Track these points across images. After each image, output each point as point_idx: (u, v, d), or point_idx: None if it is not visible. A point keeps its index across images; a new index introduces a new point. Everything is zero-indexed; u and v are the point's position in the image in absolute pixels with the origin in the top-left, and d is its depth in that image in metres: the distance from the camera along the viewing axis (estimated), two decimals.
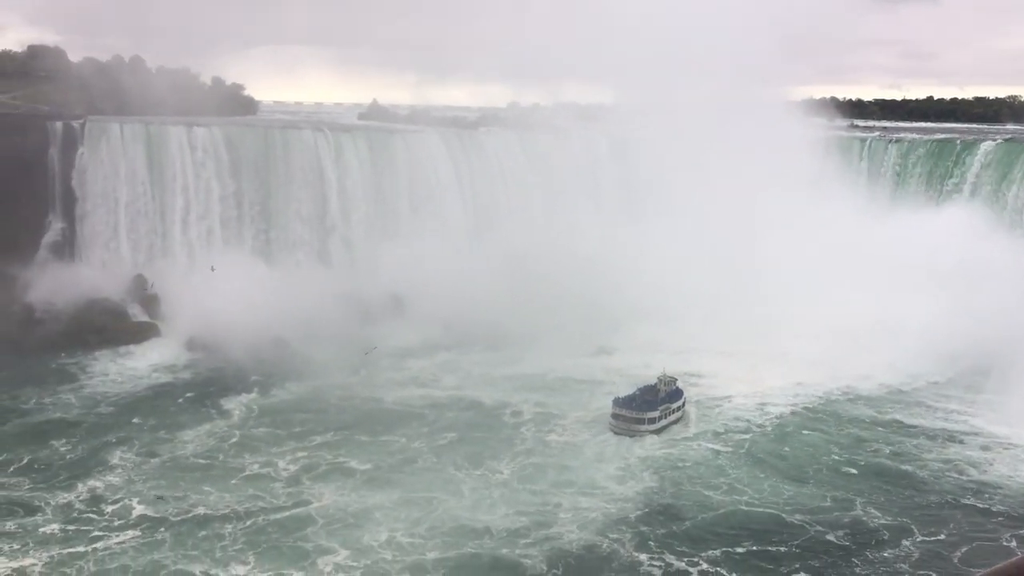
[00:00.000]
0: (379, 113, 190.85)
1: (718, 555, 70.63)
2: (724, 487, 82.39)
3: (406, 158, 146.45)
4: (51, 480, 78.42)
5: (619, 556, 70.16)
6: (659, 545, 71.80)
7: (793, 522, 75.94)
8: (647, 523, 75.15)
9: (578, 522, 74.34)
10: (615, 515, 76.08)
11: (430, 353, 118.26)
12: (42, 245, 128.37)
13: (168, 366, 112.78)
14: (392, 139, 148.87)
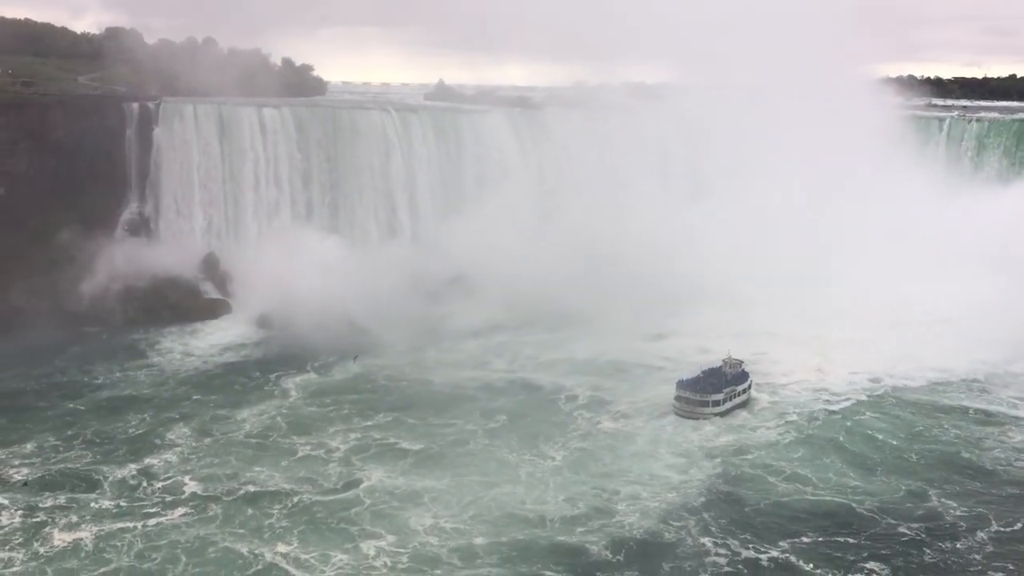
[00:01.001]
0: (445, 93, 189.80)
1: (784, 544, 68.19)
2: (787, 474, 79.64)
3: (472, 138, 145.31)
4: (111, 455, 79.17)
5: (683, 543, 68.17)
6: (722, 532, 69.67)
7: (862, 512, 73.01)
8: (708, 510, 73.00)
9: (637, 509, 72.44)
10: (675, 502, 74.05)
11: (491, 334, 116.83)
12: (119, 223, 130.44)
13: (237, 344, 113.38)
14: (458, 119, 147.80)
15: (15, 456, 78.66)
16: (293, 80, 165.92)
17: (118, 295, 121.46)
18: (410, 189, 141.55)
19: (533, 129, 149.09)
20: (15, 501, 70.83)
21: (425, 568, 63.88)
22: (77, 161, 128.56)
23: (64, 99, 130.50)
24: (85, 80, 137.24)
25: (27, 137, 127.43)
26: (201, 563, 62.82)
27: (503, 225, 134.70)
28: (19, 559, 63.07)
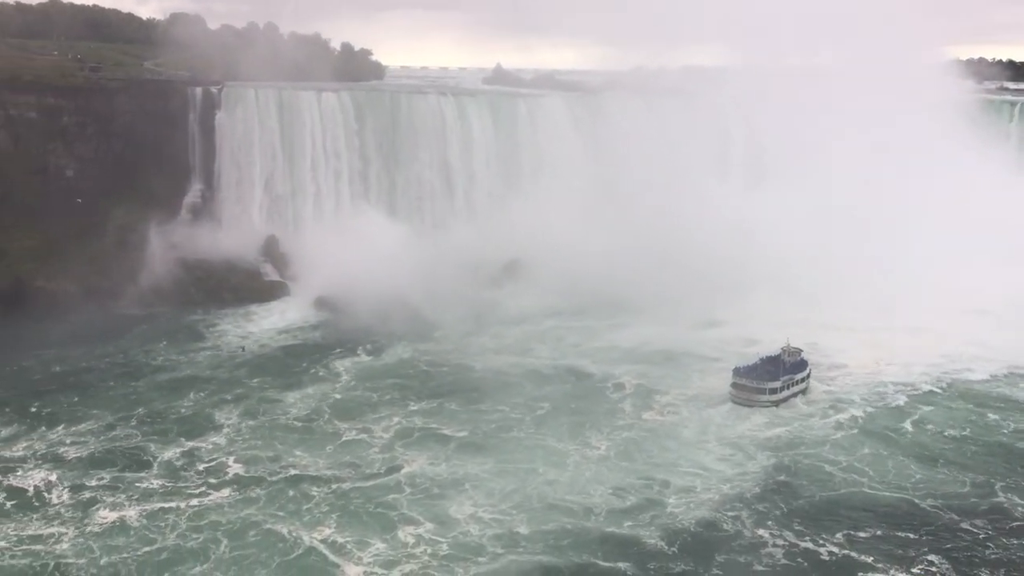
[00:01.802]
0: (503, 78, 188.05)
1: (841, 538, 65.77)
2: (844, 466, 76.82)
3: (529, 122, 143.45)
4: (161, 435, 79.19)
5: (738, 535, 65.99)
6: (777, 524, 67.36)
7: (923, 507, 70.11)
8: (763, 501, 70.59)
9: (689, 500, 70.25)
10: (728, 493, 71.75)
11: (543, 319, 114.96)
12: (183, 206, 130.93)
13: (295, 327, 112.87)
14: (515, 103, 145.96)
15: (74, 434, 79.16)
16: (352, 65, 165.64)
17: (181, 277, 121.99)
18: (467, 173, 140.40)
19: (590, 114, 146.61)
20: (66, 478, 71.17)
21: (468, 556, 62.40)
22: (142, 145, 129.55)
23: (130, 84, 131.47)
24: (150, 65, 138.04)
25: (95, 121, 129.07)
26: (241, 545, 62.30)
27: (559, 210, 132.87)
28: (68, 535, 63.22)
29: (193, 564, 60.26)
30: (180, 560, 60.62)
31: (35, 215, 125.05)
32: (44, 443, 77.00)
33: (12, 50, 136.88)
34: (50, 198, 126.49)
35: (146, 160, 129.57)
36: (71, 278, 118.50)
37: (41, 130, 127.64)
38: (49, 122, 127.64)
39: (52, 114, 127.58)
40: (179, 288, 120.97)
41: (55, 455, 74.83)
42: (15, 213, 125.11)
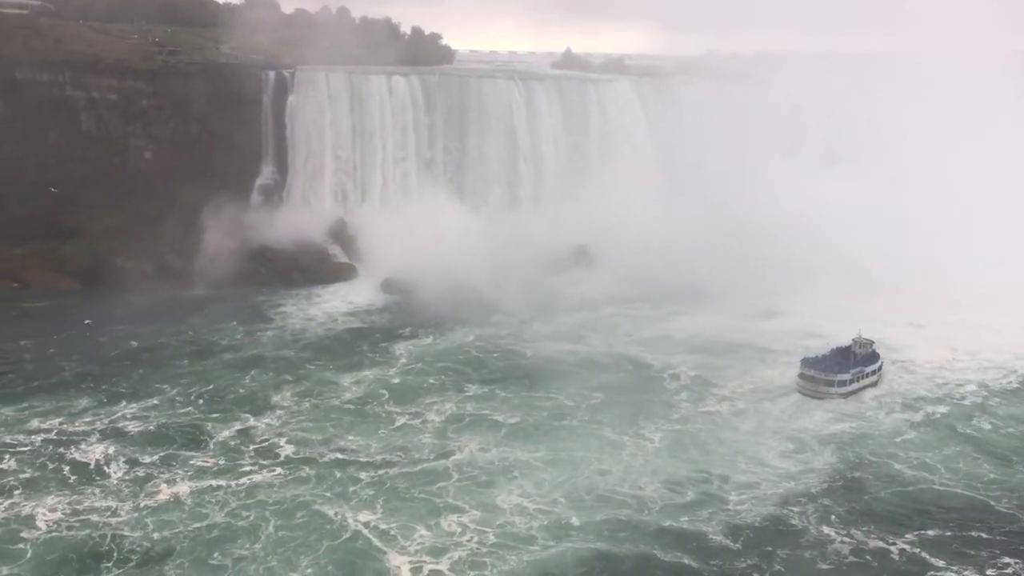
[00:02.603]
0: (572, 62, 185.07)
1: (911, 537, 62.96)
2: (913, 463, 73.52)
3: (598, 107, 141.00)
4: (220, 413, 79.11)
5: (804, 532, 63.43)
6: (843, 522, 64.71)
7: (999, 508, 66.80)
8: (827, 497, 67.85)
9: (750, 496, 67.62)
10: (790, 488, 69.01)
11: (606, 306, 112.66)
12: (255, 188, 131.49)
13: (361, 308, 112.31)
14: (584, 88, 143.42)
15: (138, 409, 79.58)
16: (422, 48, 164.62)
17: (251, 258, 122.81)
18: (535, 158, 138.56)
19: (661, 99, 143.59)
20: (126, 452, 71.57)
21: (516, 545, 60.70)
22: (217, 128, 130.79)
23: (206, 68, 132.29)
24: (226, 49, 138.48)
25: (172, 104, 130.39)
26: (288, 526, 61.73)
27: (627, 196, 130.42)
28: (124, 509, 63.46)
29: (242, 543, 59.87)
30: (230, 538, 60.28)
31: (115, 195, 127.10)
32: (110, 418, 77.57)
33: (95, 34, 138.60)
34: (129, 179, 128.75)
35: (220, 143, 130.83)
36: (147, 257, 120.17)
37: (121, 112, 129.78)
38: (129, 105, 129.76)
39: (132, 97, 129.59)
40: (250, 268, 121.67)
41: (118, 430, 75.37)
42: (96, 193, 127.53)
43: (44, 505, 63.43)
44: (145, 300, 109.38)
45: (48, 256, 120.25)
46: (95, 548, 58.98)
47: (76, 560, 57.87)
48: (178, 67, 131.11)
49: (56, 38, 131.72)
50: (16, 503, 63.71)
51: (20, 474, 67.30)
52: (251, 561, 57.70)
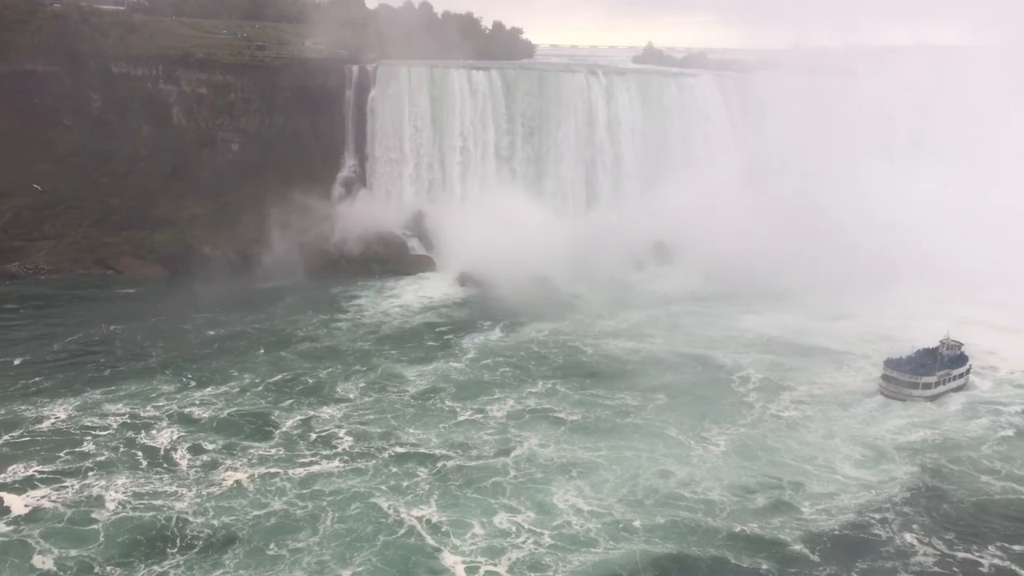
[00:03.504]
0: (654, 56, 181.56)
1: (996, 549, 59.81)
2: (1001, 472, 69.56)
3: (679, 102, 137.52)
4: (286, 403, 79.10)
5: (885, 542, 60.68)
6: (926, 532, 61.73)
7: None
8: (910, 506, 64.87)
9: (826, 504, 64.77)
10: (869, 497, 65.95)
11: (682, 303, 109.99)
12: (337, 180, 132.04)
13: (437, 301, 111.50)
14: (665, 83, 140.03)
15: (211, 396, 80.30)
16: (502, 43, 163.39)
17: (332, 248, 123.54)
18: (614, 153, 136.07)
19: (744, 94, 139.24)
20: (195, 438, 72.12)
21: (575, 547, 58.84)
22: (301, 121, 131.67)
23: (292, 62, 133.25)
24: (311, 44, 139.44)
25: (259, 98, 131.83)
26: (343, 518, 61.23)
27: (708, 192, 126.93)
28: (188, 495, 63.84)
29: (299, 533, 59.59)
30: (288, 527, 60.11)
31: (202, 186, 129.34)
32: (184, 404, 78.38)
33: (187, 29, 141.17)
34: (216, 170, 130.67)
35: (304, 136, 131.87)
36: (231, 246, 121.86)
37: (210, 105, 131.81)
38: (218, 98, 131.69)
39: (221, 90, 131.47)
40: (330, 259, 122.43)
41: (190, 416, 76.08)
42: (186, 183, 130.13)
43: (114, 487, 64.26)
44: (228, 288, 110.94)
45: (139, 244, 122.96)
46: (161, 532, 59.40)
47: (144, 543, 58.32)
48: (265, 62, 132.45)
49: (150, 33, 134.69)
50: (89, 484, 64.68)
51: (96, 456, 68.45)
52: (306, 553, 57.30)
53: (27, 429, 72.21)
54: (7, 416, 74.15)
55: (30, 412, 75.10)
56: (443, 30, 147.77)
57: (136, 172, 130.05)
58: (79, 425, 73.31)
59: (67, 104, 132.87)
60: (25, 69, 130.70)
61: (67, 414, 75.11)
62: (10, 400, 77.41)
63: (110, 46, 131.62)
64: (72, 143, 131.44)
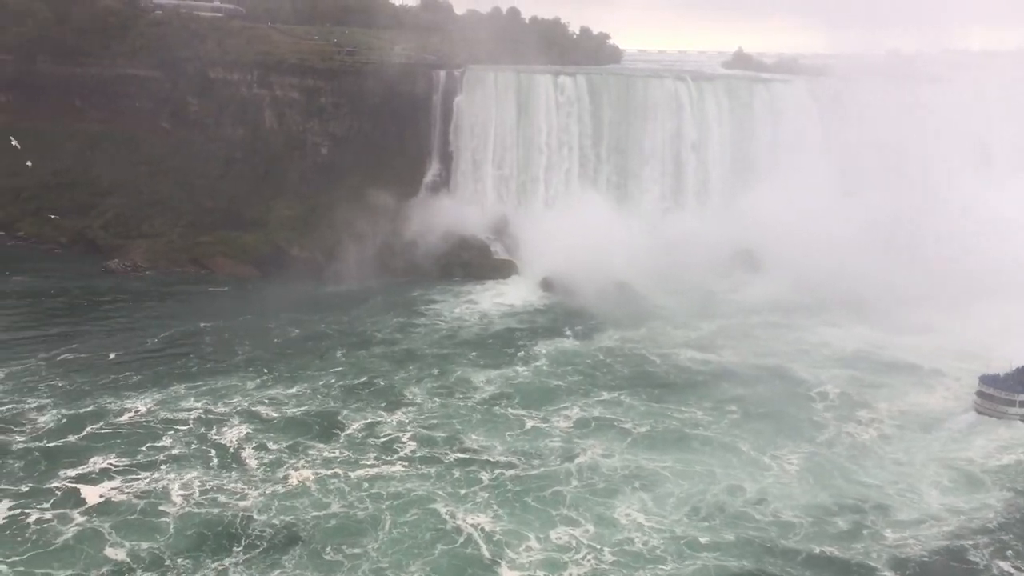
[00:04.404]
0: (743, 62, 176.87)
1: None
2: None
3: (768, 108, 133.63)
4: (356, 405, 78.75)
5: (979, 570, 57.47)
6: (1021, 559, 57.97)
7: None
8: (1005, 532, 61.17)
9: (911, 528, 61.51)
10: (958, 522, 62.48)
11: (766, 313, 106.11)
12: (423, 184, 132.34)
13: (518, 307, 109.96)
14: (754, 88, 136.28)
15: (284, 395, 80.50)
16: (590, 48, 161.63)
17: (417, 252, 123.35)
18: (701, 159, 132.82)
19: (836, 100, 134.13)
20: (264, 437, 72.37)
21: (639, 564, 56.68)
22: (389, 125, 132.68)
23: (381, 67, 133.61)
24: (399, 49, 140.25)
25: (348, 102, 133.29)
26: (402, 523, 60.38)
27: (797, 200, 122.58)
28: (252, 494, 63.94)
29: (358, 537, 59.03)
30: (347, 530, 59.67)
31: (292, 188, 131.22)
32: (260, 402, 78.85)
33: (281, 35, 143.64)
34: (306, 173, 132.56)
35: (392, 139, 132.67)
36: (319, 248, 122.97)
37: (301, 109, 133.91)
38: (308, 102, 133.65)
39: (311, 95, 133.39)
40: (413, 262, 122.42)
41: (263, 414, 76.46)
42: (276, 186, 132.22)
43: (185, 482, 64.92)
44: (313, 289, 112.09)
45: (231, 244, 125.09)
46: (227, 528, 59.66)
47: (211, 538, 58.64)
48: (354, 67, 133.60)
49: (246, 39, 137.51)
50: (160, 478, 65.46)
51: (170, 450, 69.35)
52: (364, 559, 56.65)
53: (108, 422, 73.73)
54: (93, 408, 75.84)
55: (114, 405, 76.70)
56: (530, 35, 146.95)
57: (230, 174, 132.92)
58: (158, 419, 74.50)
59: (166, 108, 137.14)
60: (127, 74, 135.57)
61: (147, 408, 76.43)
62: (98, 393, 79.23)
63: (208, 51, 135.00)
64: (170, 145, 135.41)
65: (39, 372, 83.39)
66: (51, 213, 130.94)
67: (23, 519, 59.91)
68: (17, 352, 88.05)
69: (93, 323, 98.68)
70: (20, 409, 75.34)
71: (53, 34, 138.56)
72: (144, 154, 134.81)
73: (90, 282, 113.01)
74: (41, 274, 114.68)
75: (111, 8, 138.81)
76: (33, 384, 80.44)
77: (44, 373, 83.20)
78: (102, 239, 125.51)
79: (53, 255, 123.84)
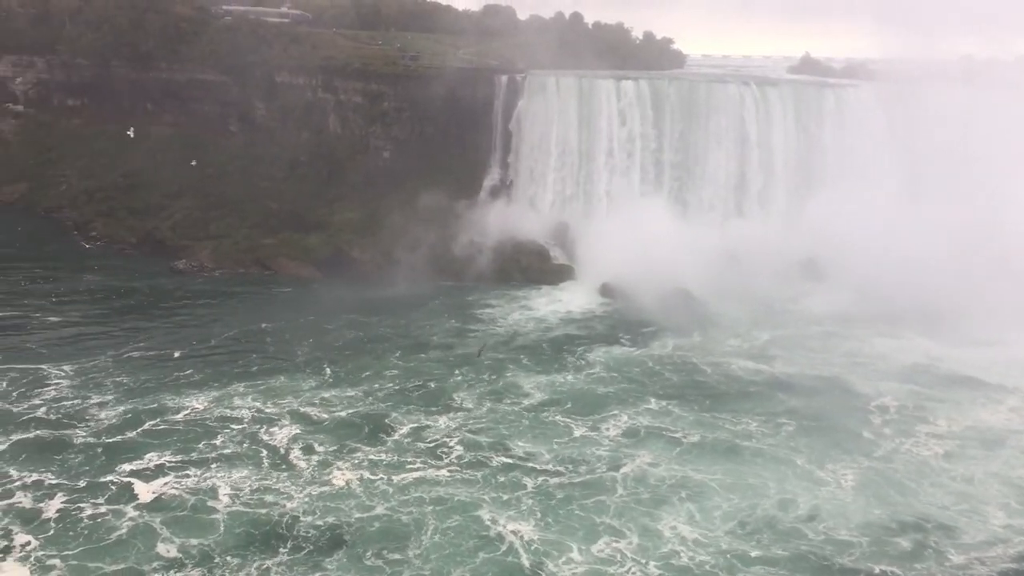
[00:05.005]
0: (810, 67, 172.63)
1: None
2: None
3: (836, 114, 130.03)
4: (405, 408, 78.70)
5: None
6: None
7: None
8: None
9: (978, 550, 58.97)
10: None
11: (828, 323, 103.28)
12: (483, 188, 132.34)
13: (576, 312, 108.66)
14: (822, 94, 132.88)
15: (336, 397, 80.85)
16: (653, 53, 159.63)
17: (476, 256, 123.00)
18: (764, 165, 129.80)
19: (907, 106, 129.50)
20: (311, 438, 72.79)
21: None
22: (450, 129, 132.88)
23: (443, 72, 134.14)
24: (462, 54, 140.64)
25: (410, 106, 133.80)
26: (444, 529, 59.94)
27: (865, 208, 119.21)
28: (298, 495, 64.23)
29: (400, 541, 58.77)
30: (390, 534, 59.47)
31: (354, 191, 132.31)
32: (313, 402, 79.37)
33: (346, 40, 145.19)
34: (368, 176, 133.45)
35: (453, 143, 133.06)
36: (380, 251, 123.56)
37: (364, 114, 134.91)
38: (372, 107, 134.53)
39: (375, 99, 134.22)
40: (472, 266, 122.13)
41: (315, 415, 76.89)
42: (339, 189, 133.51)
43: (234, 480, 65.58)
44: (373, 291, 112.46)
45: (294, 246, 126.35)
46: (274, 528, 59.99)
47: (259, 538, 59.03)
48: (417, 71, 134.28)
49: (312, 44, 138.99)
50: (210, 476, 66.15)
51: (223, 449, 70.12)
52: (406, 566, 56.32)
53: (165, 419, 74.96)
54: (152, 406, 77.23)
55: (173, 403, 77.99)
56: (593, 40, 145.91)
57: (294, 177, 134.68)
58: (214, 417, 75.49)
59: (233, 111, 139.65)
60: (197, 78, 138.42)
61: (204, 406, 77.53)
62: (160, 391, 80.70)
63: (275, 56, 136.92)
64: (236, 148, 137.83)
65: (107, 368, 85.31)
66: (122, 214, 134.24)
67: (77, 513, 61.11)
68: (88, 349, 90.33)
69: (160, 321, 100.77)
70: (85, 404, 77.17)
71: (128, 40, 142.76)
72: (211, 157, 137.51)
73: (158, 281, 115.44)
74: (111, 273, 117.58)
75: (183, 15, 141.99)
76: (100, 380, 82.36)
77: (111, 369, 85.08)
78: (170, 239, 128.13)
79: (123, 255, 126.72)
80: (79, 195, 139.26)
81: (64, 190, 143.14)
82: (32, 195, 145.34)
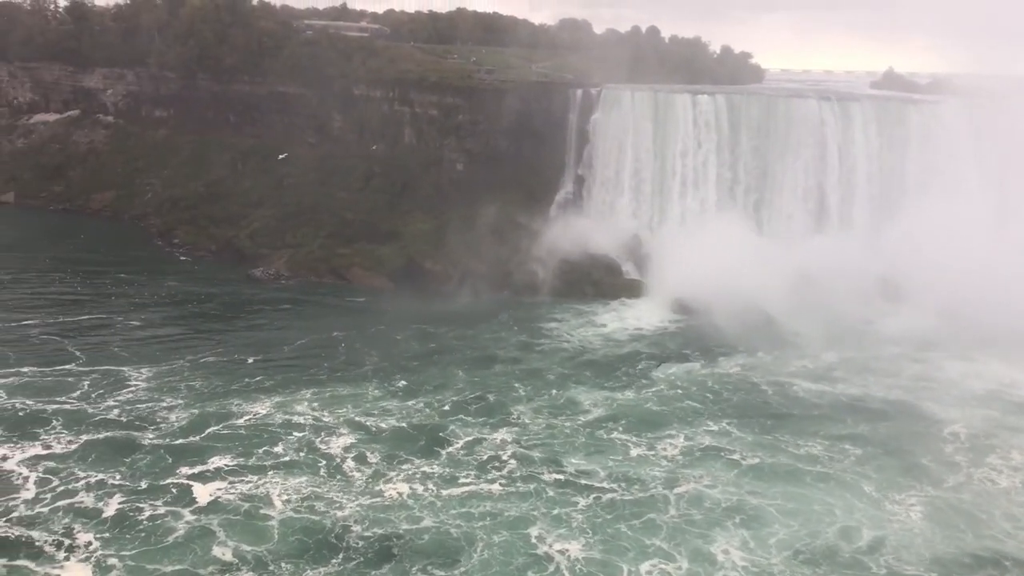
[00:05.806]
0: (894, 82, 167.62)
1: None
2: None
3: (919, 130, 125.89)
4: (462, 420, 78.48)
5: None
6: None
7: None
8: None
9: None
10: None
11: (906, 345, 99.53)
12: (555, 201, 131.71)
13: (646, 328, 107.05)
14: (905, 109, 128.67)
15: (397, 408, 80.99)
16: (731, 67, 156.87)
17: (548, 269, 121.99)
18: (844, 182, 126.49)
19: (995, 122, 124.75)
20: (367, 448, 72.93)
21: None
22: (524, 142, 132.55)
23: (519, 86, 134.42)
24: (538, 68, 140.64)
25: (485, 120, 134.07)
26: (492, 545, 59.14)
27: (948, 227, 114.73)
28: (351, 504, 64.34)
29: (448, 556, 58.30)
30: (440, 548, 59.05)
31: (428, 203, 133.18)
32: (376, 413, 79.60)
33: (423, 54, 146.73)
34: (441, 189, 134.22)
35: (526, 157, 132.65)
36: (452, 262, 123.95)
37: (439, 127, 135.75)
38: (446, 119, 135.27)
39: (449, 112, 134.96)
40: (544, 279, 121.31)
41: (376, 425, 77.17)
42: (412, 200, 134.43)
43: (287, 488, 66.05)
44: (444, 302, 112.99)
45: (368, 256, 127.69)
46: (326, 537, 60.17)
47: (312, 547, 59.26)
48: (492, 85, 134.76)
49: (389, 58, 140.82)
50: (266, 482, 66.74)
51: (281, 456, 70.75)
52: None
53: (229, 423, 76.11)
54: (219, 410, 78.58)
55: (239, 408, 79.15)
56: (669, 54, 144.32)
57: (369, 188, 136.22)
58: (277, 423, 76.32)
59: (312, 123, 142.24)
60: (278, 91, 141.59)
61: (267, 411, 78.61)
62: (230, 396, 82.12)
63: (353, 69, 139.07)
64: (314, 159, 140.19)
65: (182, 372, 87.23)
66: (203, 222, 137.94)
67: (135, 515, 62.18)
68: (166, 352, 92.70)
69: (237, 327, 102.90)
70: (156, 407, 78.90)
71: (212, 53, 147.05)
72: (290, 168, 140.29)
73: (235, 288, 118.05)
74: (192, 279, 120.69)
75: (266, 30, 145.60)
76: (174, 384, 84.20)
77: (186, 374, 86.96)
78: (248, 248, 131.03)
79: (203, 261, 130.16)
80: (163, 203, 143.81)
81: (149, 198, 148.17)
82: (119, 203, 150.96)
